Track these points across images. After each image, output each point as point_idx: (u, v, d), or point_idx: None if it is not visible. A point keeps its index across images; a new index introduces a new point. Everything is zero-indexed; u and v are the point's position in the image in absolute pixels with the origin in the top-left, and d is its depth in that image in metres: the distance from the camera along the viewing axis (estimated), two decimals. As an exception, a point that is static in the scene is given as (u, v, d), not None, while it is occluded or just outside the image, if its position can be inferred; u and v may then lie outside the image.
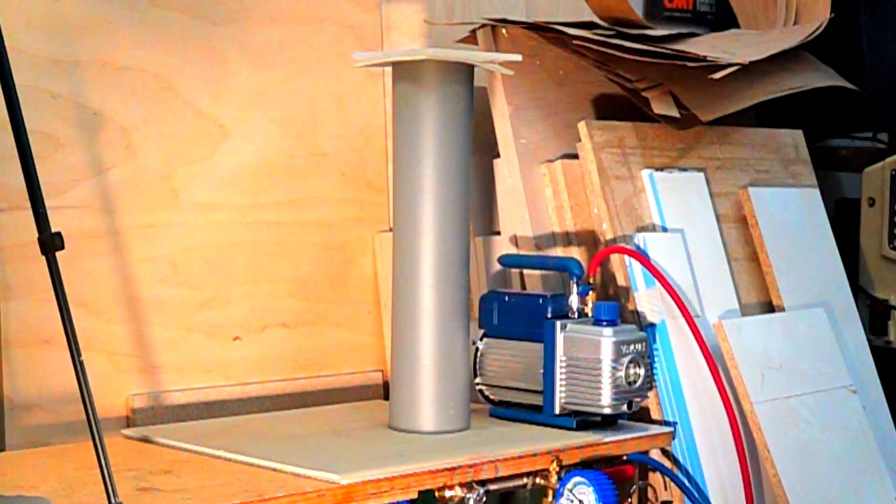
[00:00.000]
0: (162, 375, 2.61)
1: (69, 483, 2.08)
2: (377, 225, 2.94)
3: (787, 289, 2.88)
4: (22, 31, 2.42)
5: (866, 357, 3.01)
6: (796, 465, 2.60)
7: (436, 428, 2.43)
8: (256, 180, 2.76)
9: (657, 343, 2.62)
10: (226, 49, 2.72)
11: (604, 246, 2.70)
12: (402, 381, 2.46)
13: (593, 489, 2.28)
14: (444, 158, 2.43)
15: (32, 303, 2.42)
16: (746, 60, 2.70)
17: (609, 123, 2.80)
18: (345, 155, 2.90)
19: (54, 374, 2.41)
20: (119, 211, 2.56)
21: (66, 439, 2.42)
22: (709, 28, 3.42)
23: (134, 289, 2.58)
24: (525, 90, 2.81)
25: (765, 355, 2.68)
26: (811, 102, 3.09)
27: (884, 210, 3.17)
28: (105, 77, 2.55)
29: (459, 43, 2.88)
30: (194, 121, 2.67)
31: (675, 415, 2.59)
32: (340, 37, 2.89)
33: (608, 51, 2.70)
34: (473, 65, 2.44)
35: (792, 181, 3.08)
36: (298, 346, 2.81)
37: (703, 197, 2.88)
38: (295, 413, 2.69)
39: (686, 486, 2.54)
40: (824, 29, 2.95)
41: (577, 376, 2.46)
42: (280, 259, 2.79)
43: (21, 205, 2.20)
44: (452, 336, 2.45)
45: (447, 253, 2.44)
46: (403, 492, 2.15)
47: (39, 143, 2.30)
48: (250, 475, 2.13)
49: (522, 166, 2.75)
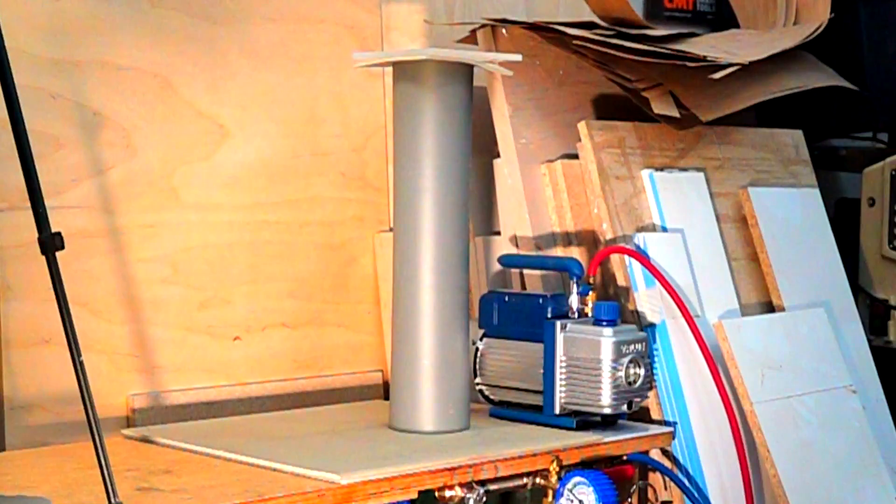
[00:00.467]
0: (162, 375, 2.61)
1: (69, 483, 2.08)
2: (377, 225, 2.94)
3: (787, 289, 2.88)
4: (22, 31, 2.42)
5: (866, 357, 3.01)
6: (796, 465, 2.60)
7: (436, 428, 2.43)
8: (256, 180, 2.76)
9: (657, 343, 2.62)
10: (226, 49, 2.72)
11: (604, 246, 2.69)
12: (403, 382, 2.46)
13: (593, 489, 2.28)
14: (444, 158, 2.43)
15: (32, 303, 2.42)
16: (746, 60, 2.70)
17: (609, 123, 2.80)
18: (345, 155, 2.90)
19: (54, 374, 2.41)
20: (119, 211, 2.56)
21: (66, 439, 2.42)
22: (709, 28, 3.41)
23: (134, 289, 2.58)
24: (525, 90, 2.81)
25: (765, 355, 2.68)
26: (811, 102, 3.09)
27: (884, 210, 3.17)
28: (105, 77, 2.55)
29: (459, 43, 2.88)
30: (194, 121, 2.67)
31: (675, 415, 2.59)
32: (340, 37, 2.89)
33: (608, 51, 2.70)
34: (473, 65, 2.44)
35: (792, 181, 3.08)
36: (298, 346, 2.81)
37: (703, 197, 2.88)
38: (295, 413, 2.69)
39: (686, 486, 2.54)
40: (824, 29, 2.95)
41: (577, 376, 2.46)
42: (280, 259, 2.79)
43: (21, 205, 2.21)
44: (452, 336, 2.44)
45: (446, 253, 2.44)
46: (403, 492, 2.15)
47: (39, 143, 2.30)
48: (250, 475, 2.13)
49: (522, 166, 2.75)
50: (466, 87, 2.45)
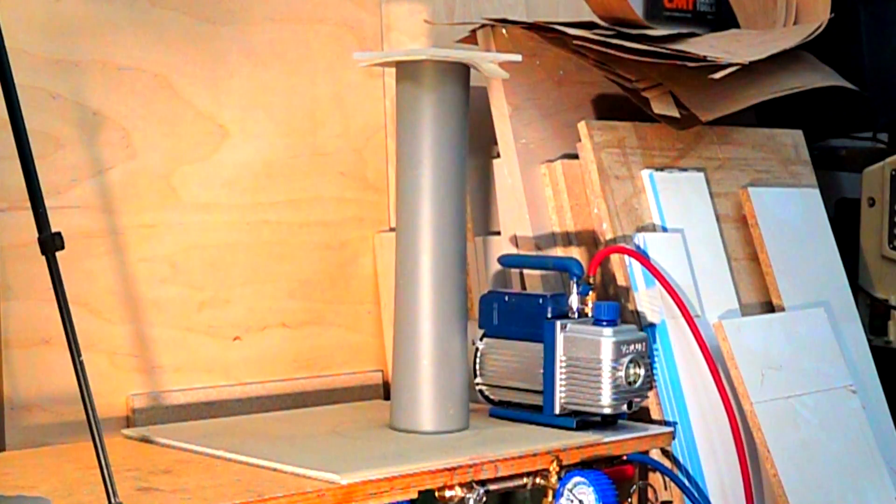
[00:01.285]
0: (162, 375, 2.61)
1: (69, 483, 2.08)
2: (377, 225, 2.94)
3: (787, 289, 2.88)
4: (22, 31, 2.42)
5: (866, 357, 3.01)
6: (796, 465, 2.60)
7: (435, 428, 2.43)
8: (256, 180, 2.76)
9: (657, 343, 2.62)
10: (226, 49, 2.72)
11: (604, 246, 2.69)
12: (402, 381, 2.46)
13: (593, 489, 2.28)
14: (441, 157, 2.43)
15: (32, 303, 2.42)
16: (746, 60, 2.70)
17: (609, 123, 2.80)
18: (345, 155, 2.90)
19: (54, 374, 2.41)
20: (119, 211, 2.56)
21: (66, 439, 2.42)
22: (709, 28, 3.42)
23: (134, 289, 2.58)
24: (525, 90, 2.81)
25: (765, 355, 2.68)
26: (811, 102, 3.09)
27: (884, 210, 3.17)
28: (105, 77, 2.55)
29: (459, 43, 2.88)
30: (194, 121, 2.67)
31: (675, 415, 2.59)
32: (340, 37, 2.89)
33: (608, 51, 2.70)
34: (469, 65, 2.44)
35: (792, 181, 3.08)
36: (298, 346, 2.81)
37: (703, 197, 2.88)
38: (295, 413, 2.69)
39: (686, 486, 2.54)
40: (824, 29, 2.95)
41: (577, 376, 2.46)
42: (280, 259, 2.79)
43: (21, 205, 2.21)
44: (449, 336, 2.44)
45: (444, 253, 2.44)
46: (403, 492, 2.15)
47: (39, 143, 2.30)
48: (250, 475, 2.13)
49: (522, 166, 2.75)
50: (463, 86, 2.45)
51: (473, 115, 2.50)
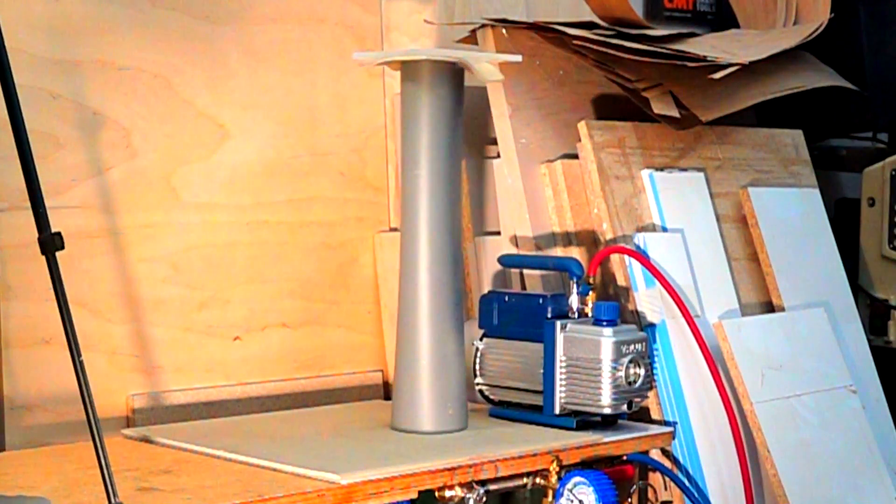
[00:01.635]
0: (162, 375, 2.61)
1: (69, 483, 2.08)
2: (377, 225, 2.94)
3: (787, 289, 2.88)
4: (22, 31, 2.42)
5: (866, 357, 3.01)
6: (796, 465, 2.60)
7: (435, 428, 2.43)
8: (256, 180, 2.76)
9: (657, 343, 2.62)
10: (226, 49, 2.72)
11: (604, 246, 2.69)
12: (402, 381, 2.46)
13: (593, 489, 2.28)
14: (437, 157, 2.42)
15: (32, 303, 2.42)
16: (746, 60, 2.70)
17: (609, 123, 2.80)
18: (345, 155, 2.90)
19: (54, 374, 2.41)
20: (119, 211, 2.56)
21: (66, 439, 2.42)
22: (709, 28, 3.42)
23: (134, 289, 2.58)
24: (525, 90, 2.81)
25: (765, 355, 2.68)
26: (811, 102, 3.08)
27: (884, 210, 3.17)
28: (105, 77, 2.55)
29: (459, 43, 2.88)
30: (194, 121, 2.67)
31: (675, 415, 2.59)
32: (340, 37, 2.89)
33: (608, 51, 2.70)
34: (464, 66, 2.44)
35: (792, 181, 3.08)
36: (298, 346, 2.81)
37: (703, 197, 2.88)
38: (295, 413, 2.69)
39: (686, 486, 2.54)
40: (824, 29, 2.95)
41: (577, 376, 2.46)
42: (280, 259, 2.79)
43: (21, 205, 2.21)
44: (445, 336, 2.44)
45: (440, 253, 2.44)
46: (403, 492, 2.15)
47: (39, 143, 2.29)
48: (250, 475, 2.13)
49: (522, 166, 2.75)
50: (459, 86, 2.44)
51: (474, 114, 2.50)
